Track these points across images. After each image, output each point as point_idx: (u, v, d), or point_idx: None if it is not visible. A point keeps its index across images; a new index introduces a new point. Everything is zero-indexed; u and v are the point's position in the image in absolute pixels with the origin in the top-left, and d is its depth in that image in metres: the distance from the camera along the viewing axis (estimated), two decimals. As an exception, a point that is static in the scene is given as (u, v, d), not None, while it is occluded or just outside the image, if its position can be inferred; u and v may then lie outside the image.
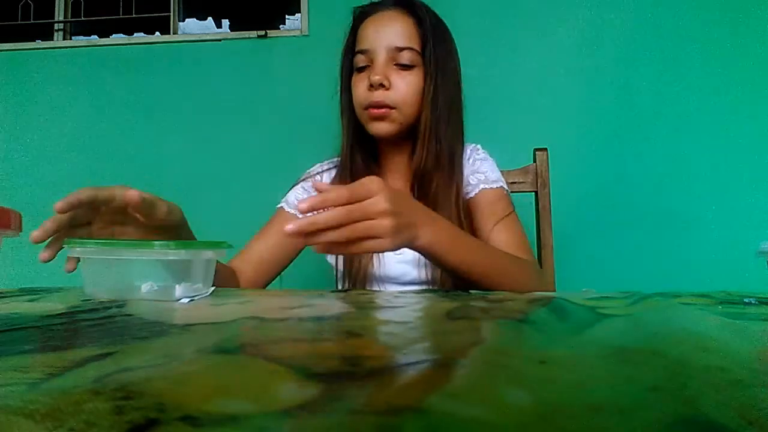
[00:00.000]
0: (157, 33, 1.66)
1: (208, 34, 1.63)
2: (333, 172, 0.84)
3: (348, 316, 0.32)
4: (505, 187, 0.79)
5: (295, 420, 0.13)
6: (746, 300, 0.40)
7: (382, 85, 0.72)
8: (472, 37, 1.41)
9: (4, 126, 1.62)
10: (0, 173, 1.61)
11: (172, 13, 1.65)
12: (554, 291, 0.72)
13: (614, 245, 1.40)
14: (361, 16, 0.78)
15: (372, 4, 0.78)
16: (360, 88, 0.74)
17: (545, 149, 0.97)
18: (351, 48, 0.78)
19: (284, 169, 1.53)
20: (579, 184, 1.40)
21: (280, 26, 1.66)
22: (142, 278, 0.42)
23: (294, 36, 1.57)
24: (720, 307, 0.36)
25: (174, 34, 1.66)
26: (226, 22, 1.77)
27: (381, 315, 0.33)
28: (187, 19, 1.72)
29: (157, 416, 0.13)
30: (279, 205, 0.84)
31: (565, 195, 1.25)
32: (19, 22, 1.70)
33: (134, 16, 1.67)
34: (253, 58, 1.57)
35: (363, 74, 0.75)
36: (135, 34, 1.67)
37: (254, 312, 0.32)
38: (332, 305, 0.37)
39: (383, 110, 0.72)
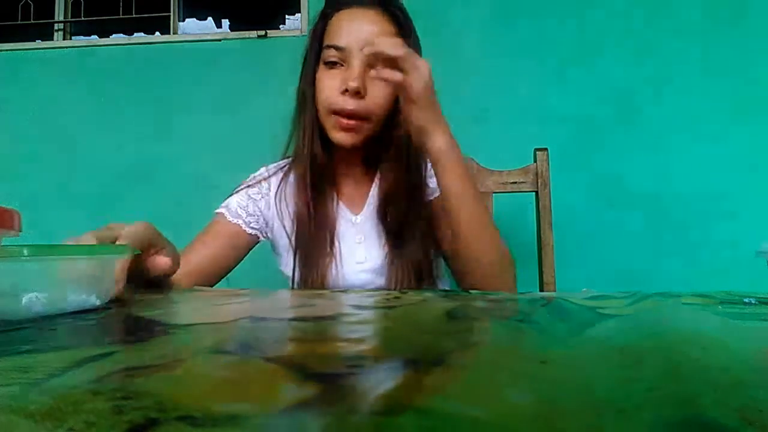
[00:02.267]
0: (157, 33, 1.66)
1: (208, 34, 1.63)
2: (279, 177, 0.78)
3: (348, 316, 0.32)
4: None
5: (295, 420, 0.13)
6: (746, 300, 0.40)
7: (357, 93, 0.66)
8: (472, 37, 1.41)
9: (3, 126, 1.62)
10: (0, 173, 1.61)
11: (172, 13, 1.65)
12: (554, 291, 0.72)
13: (614, 245, 1.40)
14: (336, 4, 0.71)
15: None
16: (329, 87, 0.68)
17: (545, 149, 0.97)
18: (319, 38, 0.71)
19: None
20: (579, 184, 1.40)
21: (280, 26, 1.66)
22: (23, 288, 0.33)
23: (294, 36, 1.57)
24: (720, 307, 0.36)
25: (174, 34, 1.66)
26: (226, 22, 1.77)
27: (381, 315, 0.33)
28: (187, 19, 1.72)
29: (157, 416, 0.13)
30: (218, 211, 0.78)
31: (565, 195, 1.25)
32: (19, 22, 1.70)
33: (134, 16, 1.67)
34: (253, 58, 1.57)
35: (333, 72, 0.68)
36: (135, 34, 1.67)
37: (254, 312, 0.32)
38: (332, 305, 0.37)
39: (354, 122, 0.67)
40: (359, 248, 0.74)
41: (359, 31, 0.67)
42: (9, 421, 0.13)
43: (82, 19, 1.71)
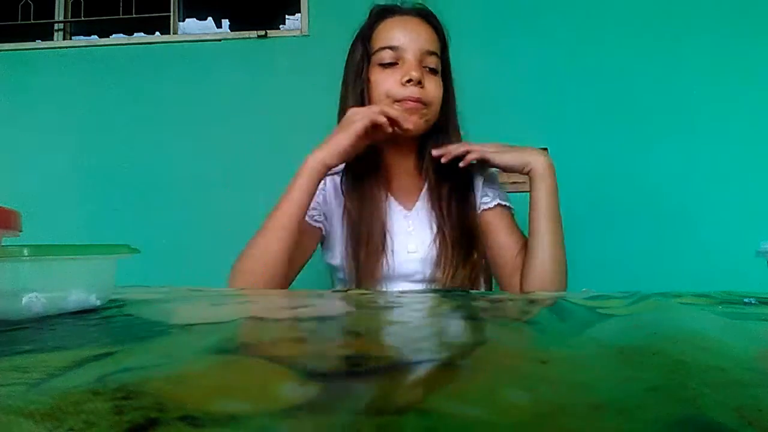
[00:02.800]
0: (157, 33, 1.66)
1: (208, 34, 1.64)
2: (334, 178, 0.82)
3: (348, 316, 0.32)
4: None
5: (295, 420, 0.13)
6: (746, 300, 0.40)
7: (419, 82, 0.73)
8: (472, 37, 1.41)
9: (4, 126, 1.62)
10: (0, 173, 1.61)
11: (172, 13, 1.65)
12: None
13: (614, 245, 1.40)
14: (382, 13, 0.79)
15: (393, 6, 0.80)
16: (389, 82, 0.74)
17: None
18: (367, 41, 0.78)
19: (284, 169, 1.54)
20: (579, 184, 1.40)
21: (280, 26, 1.66)
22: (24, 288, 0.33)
23: (294, 36, 1.57)
24: (720, 307, 0.36)
25: (174, 34, 1.66)
26: (226, 22, 1.77)
27: (381, 315, 0.33)
28: (187, 19, 1.72)
29: (157, 416, 0.13)
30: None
31: (565, 195, 1.25)
32: (19, 22, 1.70)
33: (134, 16, 1.67)
34: (253, 58, 1.57)
35: (391, 70, 0.75)
36: (135, 34, 1.68)
37: (254, 312, 0.32)
38: (332, 305, 0.37)
39: (418, 104, 0.73)
40: (410, 238, 0.78)
41: (411, 33, 0.75)
42: (9, 421, 0.13)
43: (82, 19, 1.71)
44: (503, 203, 0.81)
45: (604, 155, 1.42)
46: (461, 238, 0.76)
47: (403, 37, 0.75)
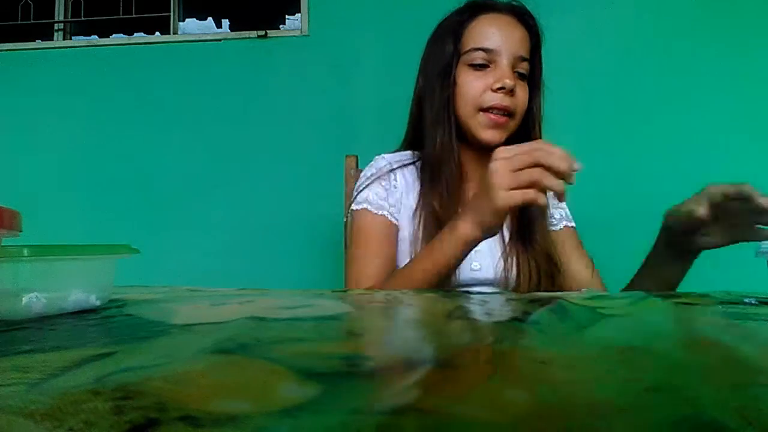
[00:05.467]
0: (157, 33, 1.66)
1: (208, 34, 1.63)
2: (410, 169, 0.78)
3: (348, 316, 0.32)
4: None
5: (295, 420, 0.13)
6: (746, 300, 0.40)
7: (510, 91, 0.69)
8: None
9: (3, 126, 1.62)
10: (0, 173, 1.61)
11: (172, 13, 1.65)
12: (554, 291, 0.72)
13: (614, 245, 1.40)
14: (477, 9, 0.73)
15: (489, 2, 0.74)
16: (478, 87, 0.70)
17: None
18: (459, 38, 0.73)
19: (284, 169, 1.54)
20: (579, 184, 1.40)
21: (280, 26, 1.66)
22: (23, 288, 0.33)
23: (294, 36, 1.57)
24: (720, 307, 0.36)
25: (174, 34, 1.66)
26: (226, 22, 1.77)
27: (381, 315, 0.33)
28: (187, 19, 1.72)
29: (157, 416, 0.13)
30: (357, 208, 0.75)
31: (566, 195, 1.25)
32: (19, 22, 1.70)
33: (134, 16, 1.67)
34: (253, 58, 1.57)
35: (481, 73, 0.71)
36: (135, 34, 1.67)
37: (254, 312, 0.32)
38: (332, 305, 0.37)
39: (504, 118, 0.70)
40: (475, 255, 0.72)
41: (506, 35, 0.70)
42: (9, 421, 0.13)
43: (82, 19, 1.71)
44: (569, 224, 0.78)
45: (604, 155, 1.42)
46: (537, 260, 0.72)
47: (499, 39, 0.70)
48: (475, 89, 0.70)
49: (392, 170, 0.77)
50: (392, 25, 1.48)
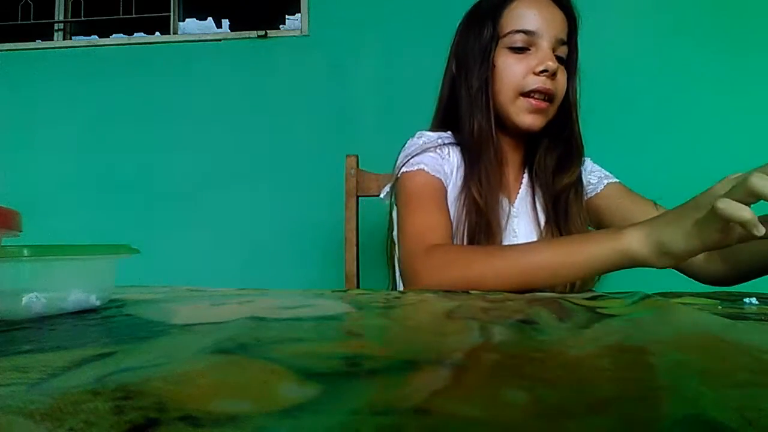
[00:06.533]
0: (157, 33, 1.66)
1: (208, 34, 1.64)
2: (458, 149, 0.75)
3: (348, 316, 0.32)
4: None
5: (295, 420, 0.13)
6: (746, 300, 0.40)
7: (553, 74, 0.68)
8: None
9: (4, 126, 1.62)
10: (0, 173, 1.61)
11: (172, 13, 1.65)
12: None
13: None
14: None
15: None
16: (519, 70, 0.69)
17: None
18: (497, 20, 0.71)
19: (284, 169, 1.54)
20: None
21: (280, 26, 1.66)
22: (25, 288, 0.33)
23: (294, 36, 1.57)
24: (720, 307, 0.36)
25: (174, 34, 1.66)
26: (226, 22, 1.77)
27: (381, 315, 0.33)
28: (187, 19, 1.72)
29: (157, 416, 0.13)
30: (412, 170, 0.71)
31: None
32: (19, 22, 1.70)
33: (134, 16, 1.67)
34: (253, 58, 1.57)
35: (522, 56, 0.69)
36: (135, 34, 1.67)
37: (254, 312, 0.32)
38: (332, 305, 0.37)
39: (545, 103, 0.69)
40: (513, 239, 0.73)
41: (547, 18, 0.69)
42: (9, 421, 0.13)
43: (82, 19, 1.71)
44: (611, 180, 0.77)
45: (604, 155, 1.42)
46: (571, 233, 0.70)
47: (540, 21, 0.68)
48: (517, 73, 0.69)
49: (445, 144, 0.75)
50: (392, 25, 1.48)
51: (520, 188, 0.78)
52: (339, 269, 0.98)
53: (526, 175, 0.78)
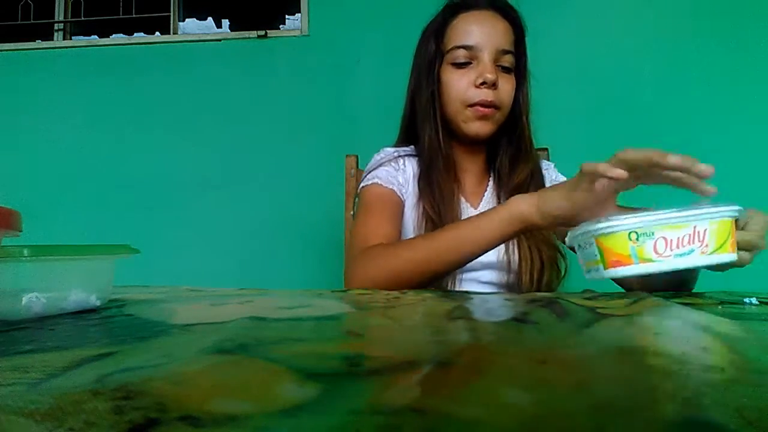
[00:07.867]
0: (157, 33, 1.66)
1: (208, 34, 1.63)
2: (416, 160, 0.79)
3: (348, 316, 0.32)
4: None
5: (295, 420, 0.13)
6: (746, 300, 0.40)
7: (493, 84, 0.71)
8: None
9: (3, 126, 1.62)
10: (0, 172, 1.62)
11: (172, 13, 1.65)
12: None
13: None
14: (457, 7, 0.75)
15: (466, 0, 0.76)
16: (462, 84, 0.72)
17: (546, 149, 0.97)
18: (441, 38, 0.75)
19: (284, 169, 1.54)
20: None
21: (280, 26, 1.66)
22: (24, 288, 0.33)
23: (294, 36, 1.57)
24: (720, 307, 0.36)
25: (174, 34, 1.66)
26: (226, 22, 1.77)
27: (381, 315, 0.33)
28: (187, 19, 1.72)
29: (157, 416, 0.13)
30: (367, 184, 0.76)
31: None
32: (19, 22, 1.70)
33: (134, 16, 1.67)
34: (253, 58, 1.57)
35: (464, 70, 0.72)
36: (135, 34, 1.68)
37: (254, 312, 0.32)
38: (332, 305, 0.37)
39: (491, 109, 0.71)
40: None
41: (487, 31, 0.72)
42: (9, 421, 0.13)
43: (82, 19, 1.71)
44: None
45: (605, 155, 1.42)
46: (539, 245, 0.72)
47: (479, 35, 0.72)
48: (459, 87, 0.72)
49: (400, 156, 0.80)
50: (392, 25, 1.48)
51: (485, 192, 0.80)
52: (339, 269, 0.98)
53: (491, 180, 0.81)
